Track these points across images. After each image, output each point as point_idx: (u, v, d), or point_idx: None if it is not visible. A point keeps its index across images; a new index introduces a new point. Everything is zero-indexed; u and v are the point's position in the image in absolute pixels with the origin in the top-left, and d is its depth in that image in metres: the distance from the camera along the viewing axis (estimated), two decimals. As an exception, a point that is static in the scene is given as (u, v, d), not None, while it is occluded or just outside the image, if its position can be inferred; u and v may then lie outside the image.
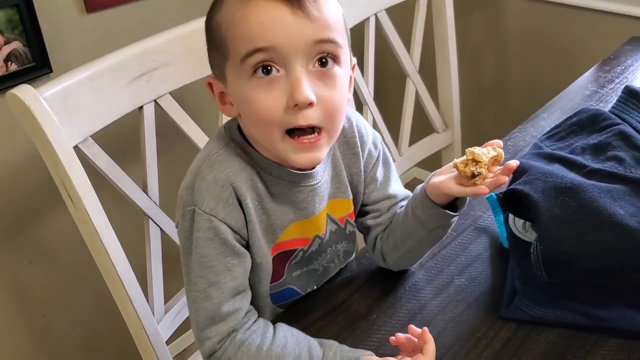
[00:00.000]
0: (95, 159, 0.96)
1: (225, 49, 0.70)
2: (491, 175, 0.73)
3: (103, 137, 0.96)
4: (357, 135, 0.86)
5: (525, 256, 0.79)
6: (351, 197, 0.87)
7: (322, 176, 0.81)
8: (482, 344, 0.82)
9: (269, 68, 0.68)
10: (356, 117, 0.87)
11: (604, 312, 0.79)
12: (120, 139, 1.12)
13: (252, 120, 0.72)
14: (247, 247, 0.78)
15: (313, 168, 0.79)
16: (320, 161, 0.74)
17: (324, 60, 0.69)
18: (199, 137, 1.11)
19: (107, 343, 1.55)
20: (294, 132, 0.71)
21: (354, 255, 0.96)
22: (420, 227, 0.82)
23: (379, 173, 0.89)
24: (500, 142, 0.75)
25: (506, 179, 0.72)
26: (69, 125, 0.89)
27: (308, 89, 0.68)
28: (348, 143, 0.85)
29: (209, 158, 0.76)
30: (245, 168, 0.76)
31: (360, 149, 0.86)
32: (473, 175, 0.72)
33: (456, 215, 0.80)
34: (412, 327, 0.76)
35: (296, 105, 0.68)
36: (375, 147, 0.89)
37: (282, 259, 0.83)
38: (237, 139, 0.77)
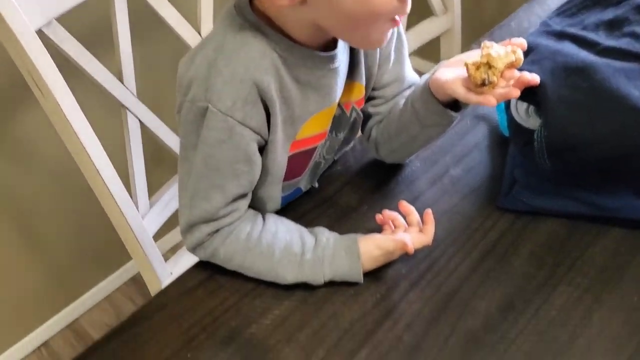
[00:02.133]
0: (62, 44, 0.88)
1: None
2: (503, 84, 0.67)
3: (71, 23, 0.88)
4: None
5: (528, 143, 0.75)
6: (364, 83, 0.81)
7: (342, 56, 0.75)
8: (478, 235, 0.79)
9: None
10: None
11: (609, 200, 0.75)
12: (90, 25, 1.03)
13: (359, 13, 0.64)
14: (265, 145, 0.72)
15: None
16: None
17: None
18: (177, 22, 1.03)
19: (97, 241, 1.54)
20: None
21: (350, 145, 0.90)
22: (417, 122, 0.77)
23: (393, 51, 0.83)
24: (523, 42, 0.69)
25: (518, 92, 0.67)
26: (29, 6, 0.81)
27: None
28: None
29: (224, 47, 0.67)
30: (266, 53, 0.68)
31: None
32: (483, 83, 0.66)
33: (456, 116, 0.75)
34: (404, 203, 0.75)
35: None
36: None
37: (301, 158, 0.78)
38: (252, 20, 0.68)
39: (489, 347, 0.67)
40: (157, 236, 1.10)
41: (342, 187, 0.87)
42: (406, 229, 0.75)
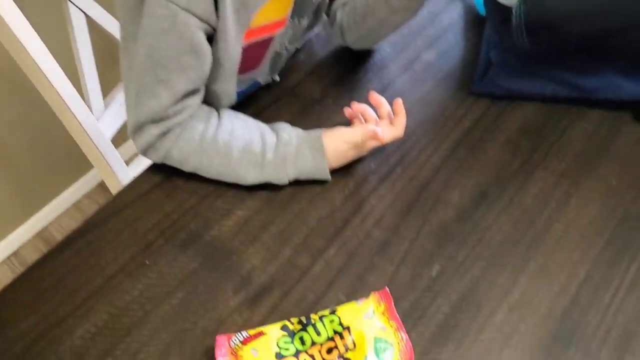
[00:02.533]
0: None
1: None
2: None
3: None
4: None
5: (505, 21, 0.69)
6: None
7: None
8: (450, 123, 0.75)
9: None
10: None
11: (589, 81, 0.71)
12: None
13: None
14: (214, 34, 0.65)
15: None
16: None
17: None
18: None
19: (60, 147, 1.47)
20: None
21: (314, 32, 0.83)
22: (384, 5, 0.71)
23: None
24: None
25: None
26: None
27: None
28: None
29: None
30: None
31: None
32: None
33: None
34: (373, 93, 0.70)
35: None
36: None
37: (257, 48, 0.71)
38: None
39: (462, 237, 0.65)
40: (120, 140, 1.04)
41: (304, 77, 0.81)
42: (377, 123, 0.70)
